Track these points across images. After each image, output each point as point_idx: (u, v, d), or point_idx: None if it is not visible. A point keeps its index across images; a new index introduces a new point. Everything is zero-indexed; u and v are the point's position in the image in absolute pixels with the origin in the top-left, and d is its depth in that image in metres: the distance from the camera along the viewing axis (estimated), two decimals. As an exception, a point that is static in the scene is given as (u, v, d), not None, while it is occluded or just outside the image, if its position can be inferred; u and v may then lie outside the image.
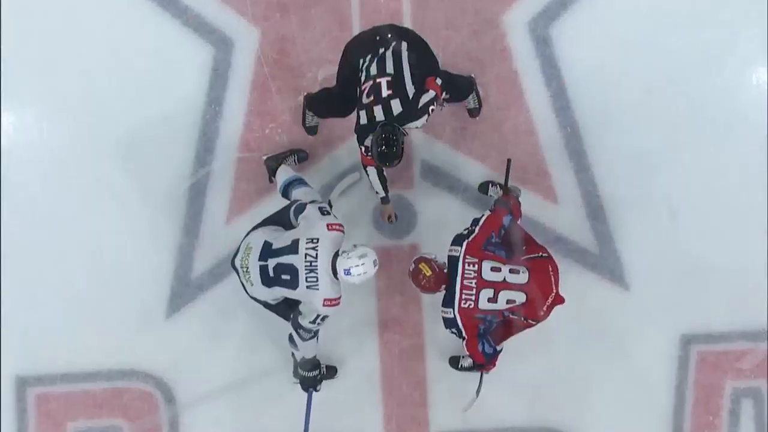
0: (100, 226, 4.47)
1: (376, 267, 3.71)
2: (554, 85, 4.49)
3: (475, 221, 3.92)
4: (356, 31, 4.31)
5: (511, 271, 3.83)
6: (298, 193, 4.11)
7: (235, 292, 4.29)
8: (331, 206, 4.03)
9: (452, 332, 3.89)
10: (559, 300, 3.91)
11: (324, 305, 3.74)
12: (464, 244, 3.82)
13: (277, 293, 3.87)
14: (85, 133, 4.46)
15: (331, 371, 4.43)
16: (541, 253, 3.94)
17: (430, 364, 4.54)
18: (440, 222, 4.44)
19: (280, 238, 3.80)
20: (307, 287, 3.70)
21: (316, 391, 4.15)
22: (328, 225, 3.75)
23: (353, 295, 4.02)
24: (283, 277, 3.73)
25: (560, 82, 4.49)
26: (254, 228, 3.91)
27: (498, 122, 4.49)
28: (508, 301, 3.82)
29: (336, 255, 3.73)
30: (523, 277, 3.83)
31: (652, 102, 4.47)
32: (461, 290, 3.78)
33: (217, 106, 4.48)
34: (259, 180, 4.49)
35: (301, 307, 3.82)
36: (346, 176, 4.39)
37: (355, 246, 3.72)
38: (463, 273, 3.78)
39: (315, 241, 3.71)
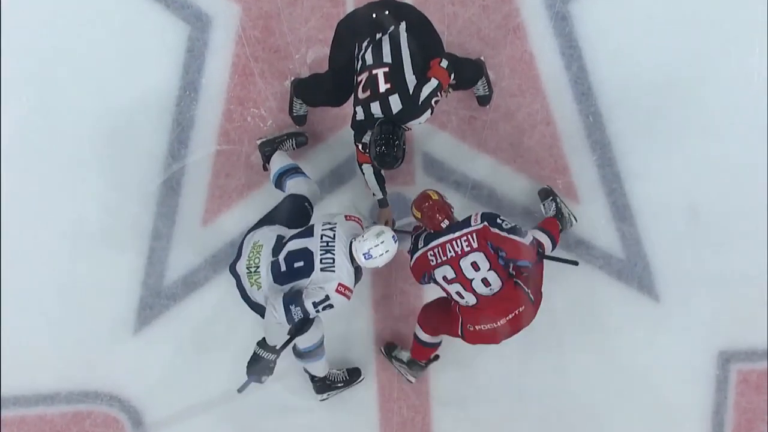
0: (57, 229, 4.23)
1: (397, 243, 3.60)
2: (574, 68, 4.23)
3: (515, 229, 3.76)
4: (350, 7, 4.10)
5: (483, 281, 3.74)
6: (293, 184, 3.91)
7: (214, 302, 4.25)
8: None
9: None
10: (492, 340, 3.82)
11: (337, 291, 3.57)
12: (484, 225, 3.72)
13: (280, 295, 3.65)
14: (41, 123, 4.20)
15: (355, 374, 4.24)
16: (527, 290, 3.78)
17: (433, 384, 4.33)
18: (445, 223, 4.17)
19: (292, 230, 3.69)
20: (322, 269, 3.55)
21: (259, 382, 3.80)
22: (346, 216, 3.70)
23: (346, 308, 3.78)
24: (296, 265, 3.58)
25: (581, 65, 4.23)
26: (252, 229, 3.74)
27: (511, 110, 4.24)
28: (457, 293, 3.77)
29: (351, 244, 3.62)
30: (487, 291, 3.75)
31: (684, 87, 4.21)
32: (434, 247, 3.75)
33: (193, 92, 4.21)
34: (240, 176, 4.25)
35: (308, 292, 3.60)
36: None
37: (367, 228, 3.63)
38: (453, 240, 3.71)
39: (332, 224, 3.62)
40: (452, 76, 3.68)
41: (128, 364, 4.27)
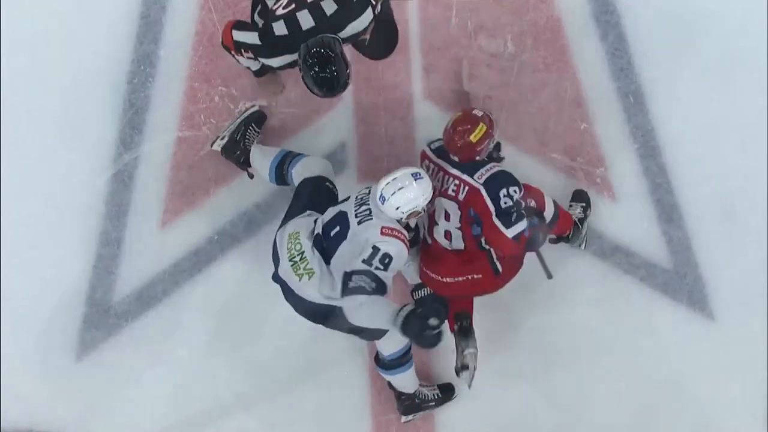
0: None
1: (422, 179, 3.37)
2: (611, 37, 4.01)
3: (512, 213, 3.48)
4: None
5: (446, 233, 3.59)
6: (300, 170, 3.70)
7: (174, 322, 4.03)
8: None
9: None
10: (439, 291, 3.67)
11: (383, 234, 3.35)
12: (479, 189, 3.51)
13: (337, 278, 3.40)
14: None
15: (448, 392, 3.95)
16: (496, 260, 3.59)
17: (440, 420, 4.03)
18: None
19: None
20: (359, 223, 3.40)
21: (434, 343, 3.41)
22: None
23: (337, 338, 3.64)
24: (333, 233, 3.43)
25: (619, 33, 4.02)
26: (280, 228, 3.56)
27: (534, 89, 4.02)
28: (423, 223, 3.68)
29: None
30: (445, 244, 3.60)
31: (744, 61, 3.92)
32: (435, 161, 3.63)
33: (149, 67, 4.03)
34: (206, 168, 4.03)
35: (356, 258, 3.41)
36: None
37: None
38: (449, 174, 3.56)
39: (370, 186, 3.49)
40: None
41: (69, 396, 4.05)
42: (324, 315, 3.47)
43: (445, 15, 3.98)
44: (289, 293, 3.49)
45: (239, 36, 3.46)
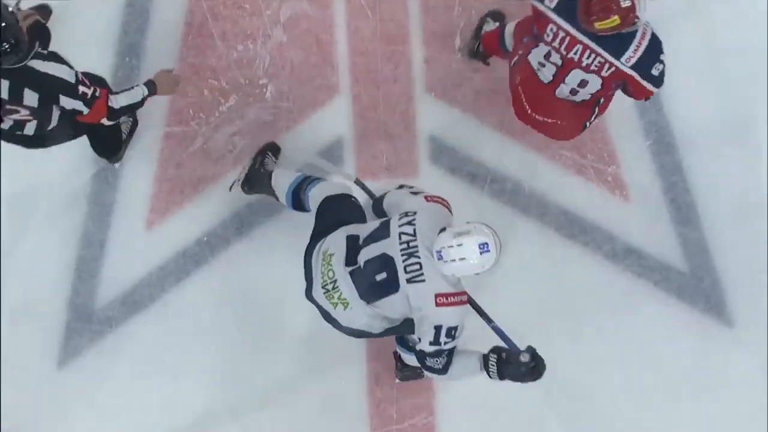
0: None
1: (488, 254, 3.05)
2: None
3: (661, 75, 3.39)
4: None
5: (572, 91, 3.45)
6: (320, 190, 3.52)
7: (162, 327, 3.92)
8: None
9: None
10: (524, 119, 3.66)
11: (438, 305, 3.10)
12: (631, 76, 3.35)
13: (381, 316, 3.29)
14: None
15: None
16: (591, 120, 3.58)
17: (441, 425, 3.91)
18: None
19: (366, 226, 3.33)
20: (409, 281, 3.13)
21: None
22: (426, 197, 3.30)
23: (334, 346, 3.65)
24: (378, 278, 3.18)
25: None
26: (310, 246, 3.38)
27: None
28: (539, 63, 3.46)
29: None
30: (565, 95, 3.49)
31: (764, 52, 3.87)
32: (564, 28, 3.34)
33: (134, 59, 3.97)
34: (195, 165, 3.94)
35: (417, 329, 3.25)
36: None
37: (468, 222, 3.20)
38: (590, 49, 3.34)
39: (411, 214, 3.20)
40: None
41: (51, 406, 3.90)
42: (365, 335, 3.39)
43: (448, 3, 3.90)
44: (325, 315, 3.40)
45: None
